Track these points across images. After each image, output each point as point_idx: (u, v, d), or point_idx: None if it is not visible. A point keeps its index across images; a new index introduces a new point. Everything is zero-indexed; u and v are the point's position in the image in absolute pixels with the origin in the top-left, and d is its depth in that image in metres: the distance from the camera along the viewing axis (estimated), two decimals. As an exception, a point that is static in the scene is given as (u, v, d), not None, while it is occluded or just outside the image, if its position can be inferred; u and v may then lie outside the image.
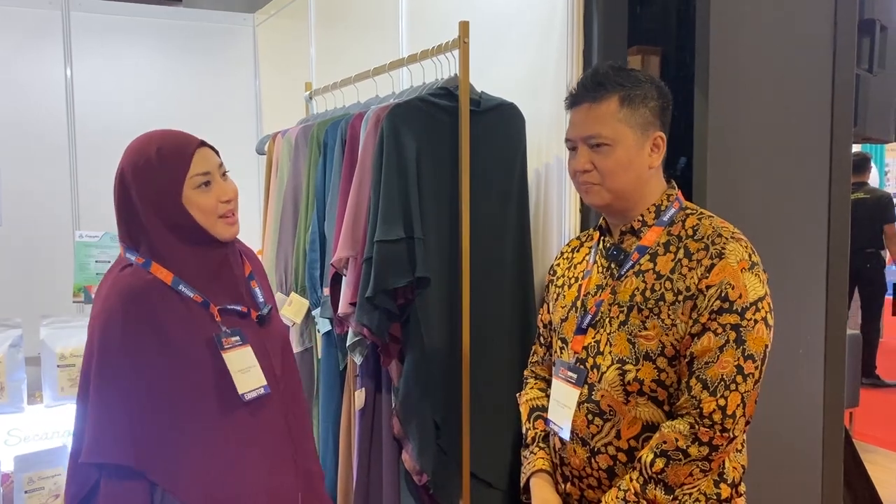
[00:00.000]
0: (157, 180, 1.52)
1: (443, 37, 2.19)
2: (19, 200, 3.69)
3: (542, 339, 1.78)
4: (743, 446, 1.54)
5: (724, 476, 1.49)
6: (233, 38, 4.24)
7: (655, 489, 1.41)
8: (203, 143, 1.57)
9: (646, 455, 1.44)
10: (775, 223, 2.28)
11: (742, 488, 1.52)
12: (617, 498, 1.46)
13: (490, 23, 2.32)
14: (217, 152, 1.60)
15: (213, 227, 1.55)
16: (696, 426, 1.39)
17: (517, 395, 1.84)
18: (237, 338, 1.54)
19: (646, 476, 1.43)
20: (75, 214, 3.81)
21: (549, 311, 1.74)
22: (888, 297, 8.02)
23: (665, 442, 1.41)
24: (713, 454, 1.40)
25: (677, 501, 1.43)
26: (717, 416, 1.38)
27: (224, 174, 1.59)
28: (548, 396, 1.68)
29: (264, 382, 1.55)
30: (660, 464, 1.41)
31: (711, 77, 2.10)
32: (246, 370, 1.53)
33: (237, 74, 4.24)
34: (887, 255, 6.02)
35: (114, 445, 1.45)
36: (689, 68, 2.58)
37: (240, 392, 1.50)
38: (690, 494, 1.43)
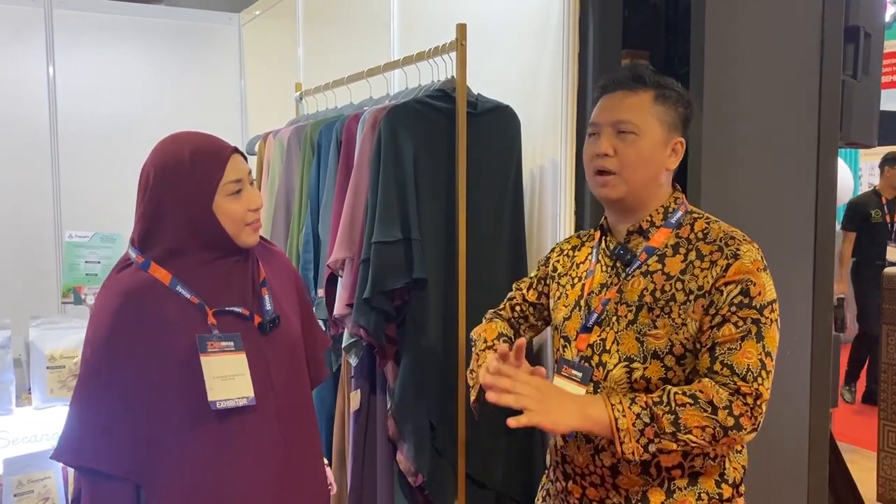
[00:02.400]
0: (189, 184, 1.49)
1: (435, 39, 2.19)
2: (0, 199, 3.64)
3: (513, 301, 1.77)
4: (743, 447, 1.55)
5: (726, 476, 1.50)
6: (218, 38, 4.22)
7: (666, 413, 1.37)
8: (236, 150, 1.55)
9: (674, 390, 1.41)
10: (764, 226, 2.30)
11: (742, 489, 1.53)
12: (624, 397, 1.41)
13: (484, 25, 2.33)
14: (246, 159, 1.58)
15: (239, 235, 1.53)
16: (735, 398, 1.38)
17: (473, 330, 1.77)
18: (230, 343, 1.49)
19: (665, 399, 1.39)
20: (57, 214, 3.77)
21: (538, 297, 1.73)
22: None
23: (702, 391, 1.39)
24: (731, 432, 1.38)
25: (675, 439, 1.38)
26: (750, 400, 1.38)
27: (251, 182, 1.57)
28: (510, 337, 1.68)
29: (249, 394, 1.49)
30: (684, 399, 1.38)
31: (706, 81, 2.12)
32: (230, 378, 1.48)
33: (222, 74, 4.21)
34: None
35: (82, 448, 1.43)
36: (676, 72, 2.61)
37: (210, 399, 1.44)
38: (686, 442, 1.38)
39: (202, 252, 1.51)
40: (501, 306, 1.82)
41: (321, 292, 2.28)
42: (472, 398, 1.65)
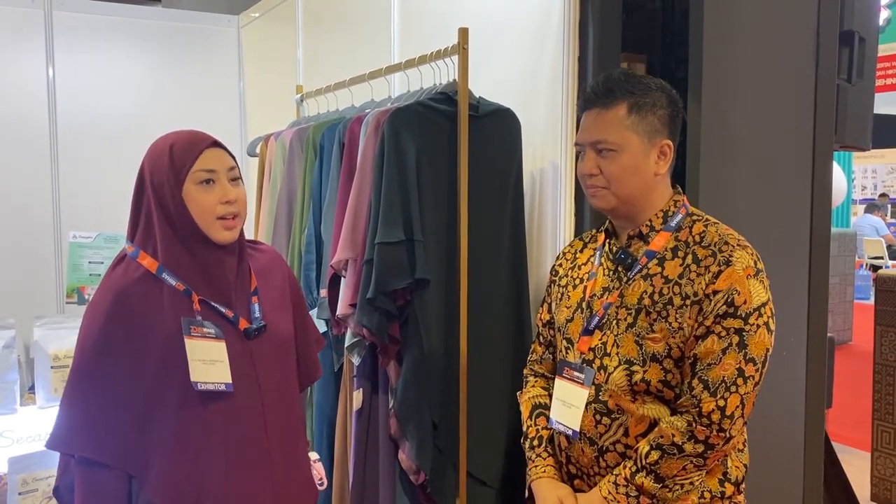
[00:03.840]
0: (165, 170, 1.54)
1: (435, 42, 2.21)
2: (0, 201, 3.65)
3: (541, 338, 1.81)
4: (744, 446, 1.59)
5: (728, 475, 1.54)
6: (217, 40, 4.23)
7: (645, 477, 1.47)
8: (216, 144, 1.58)
9: (643, 446, 1.49)
10: (761, 227, 2.34)
11: (743, 486, 1.57)
12: (608, 482, 1.52)
13: (484, 28, 2.35)
14: (233, 156, 1.61)
15: (210, 228, 1.55)
16: (694, 424, 1.44)
17: (518, 393, 1.86)
18: (210, 330, 1.54)
19: (639, 465, 1.48)
20: (56, 214, 3.77)
21: (549, 311, 1.77)
22: (859, 302, 8.17)
23: (662, 436, 1.47)
24: (708, 452, 1.45)
25: (666, 489, 1.48)
26: (715, 416, 1.43)
27: (234, 179, 1.59)
28: (549, 395, 1.72)
29: (227, 380, 1.54)
30: (654, 456, 1.47)
31: (704, 85, 2.15)
32: (210, 362, 1.53)
33: (221, 76, 4.23)
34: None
35: (71, 437, 1.49)
36: (673, 75, 2.64)
37: (192, 379, 1.49)
38: (682, 486, 1.48)
39: (182, 243, 1.55)
40: (532, 349, 1.87)
41: (324, 292, 2.30)
42: (526, 492, 1.75)
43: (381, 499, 2.22)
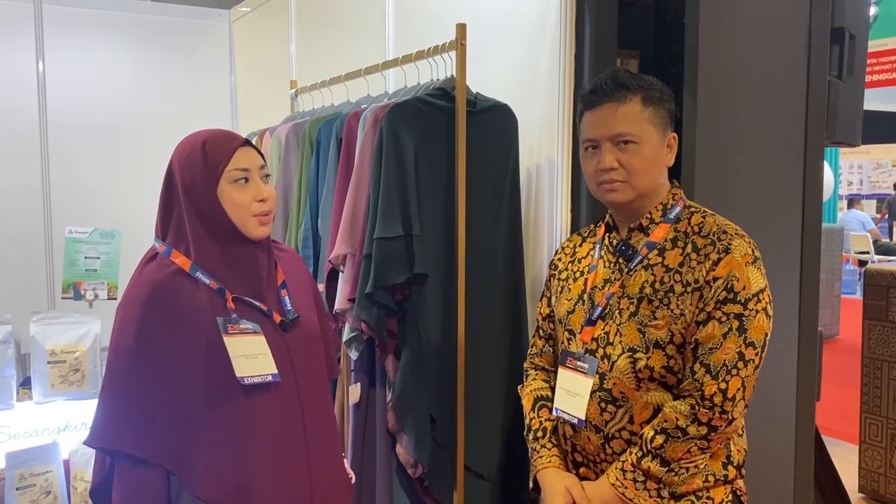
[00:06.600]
0: (197, 169, 1.55)
1: (430, 38, 2.22)
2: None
3: (541, 331, 1.83)
4: (743, 431, 1.62)
5: (731, 459, 1.58)
6: (208, 34, 4.22)
7: (651, 461, 1.50)
8: (248, 143, 1.60)
9: (647, 432, 1.52)
10: (754, 222, 2.35)
11: (744, 471, 1.60)
12: (615, 469, 1.55)
13: (480, 24, 2.36)
14: (262, 155, 1.63)
15: (245, 225, 1.57)
16: (697, 407, 1.47)
17: (518, 387, 1.88)
18: (248, 325, 1.55)
19: (645, 450, 1.51)
20: (47, 210, 3.75)
21: (549, 305, 1.79)
22: (846, 297, 8.25)
23: (666, 420, 1.50)
24: (712, 434, 1.48)
25: (672, 472, 1.50)
26: (717, 399, 1.46)
27: (265, 177, 1.62)
28: (550, 387, 1.74)
29: (274, 370, 1.55)
30: (659, 440, 1.49)
31: (700, 82, 2.17)
32: (253, 356, 1.54)
33: (212, 70, 4.21)
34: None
35: (114, 433, 1.48)
36: (665, 72, 2.66)
37: (238, 375, 1.50)
38: (687, 469, 1.50)
39: (214, 240, 1.57)
40: (532, 342, 1.88)
41: (321, 287, 2.31)
42: (530, 483, 1.75)
43: (379, 492, 2.23)
